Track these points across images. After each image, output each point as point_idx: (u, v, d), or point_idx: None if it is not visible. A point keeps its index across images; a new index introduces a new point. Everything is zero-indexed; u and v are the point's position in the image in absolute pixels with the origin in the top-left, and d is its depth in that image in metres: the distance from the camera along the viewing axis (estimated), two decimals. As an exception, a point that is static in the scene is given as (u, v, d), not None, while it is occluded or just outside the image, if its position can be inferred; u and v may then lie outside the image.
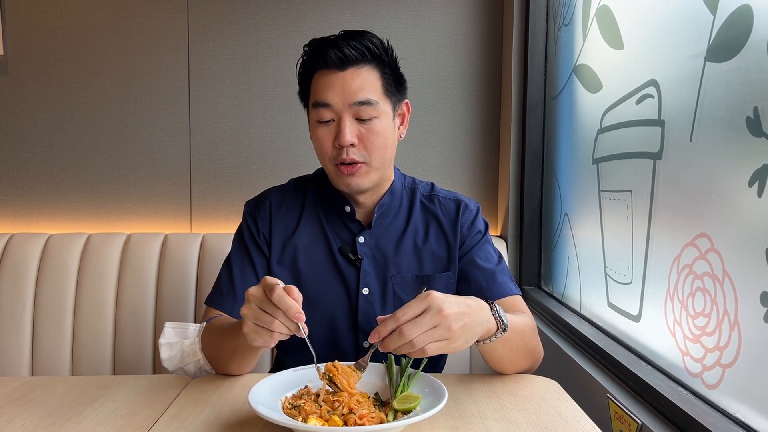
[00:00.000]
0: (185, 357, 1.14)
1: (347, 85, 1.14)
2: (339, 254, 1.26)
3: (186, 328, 1.17)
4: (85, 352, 1.73)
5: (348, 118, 1.15)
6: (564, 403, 1.00)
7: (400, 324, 0.85)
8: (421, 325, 0.85)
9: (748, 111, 0.90)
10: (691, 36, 1.08)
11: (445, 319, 0.86)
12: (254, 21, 2.08)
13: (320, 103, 1.15)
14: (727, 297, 0.95)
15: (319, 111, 1.16)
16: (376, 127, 1.16)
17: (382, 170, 1.22)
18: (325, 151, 1.18)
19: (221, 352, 1.10)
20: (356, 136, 1.15)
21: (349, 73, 1.15)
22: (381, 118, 1.17)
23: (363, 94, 1.14)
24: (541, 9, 1.92)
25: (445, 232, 1.30)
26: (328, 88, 1.15)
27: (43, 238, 1.83)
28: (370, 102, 1.15)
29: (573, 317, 1.62)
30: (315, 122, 1.18)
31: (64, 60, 2.07)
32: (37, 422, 0.92)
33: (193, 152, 2.10)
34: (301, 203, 1.31)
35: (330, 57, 1.14)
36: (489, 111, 2.13)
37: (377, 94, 1.16)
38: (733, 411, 0.94)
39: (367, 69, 1.16)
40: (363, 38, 1.17)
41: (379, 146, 1.17)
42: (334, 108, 1.15)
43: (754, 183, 0.88)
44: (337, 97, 1.14)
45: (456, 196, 1.36)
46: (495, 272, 1.27)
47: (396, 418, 0.88)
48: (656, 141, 1.19)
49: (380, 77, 1.18)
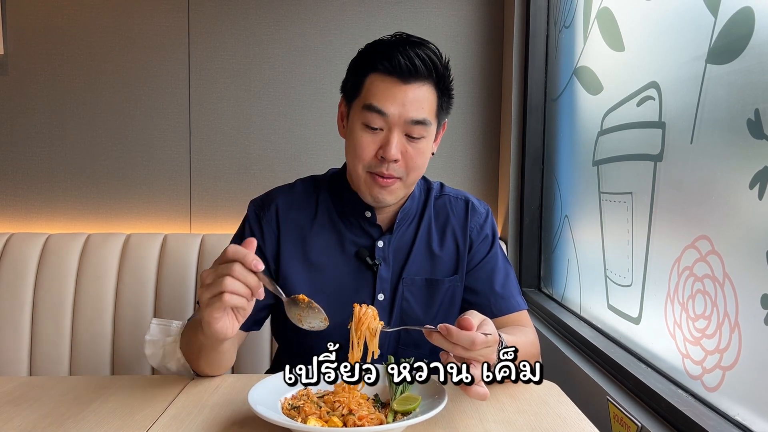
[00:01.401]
0: (167, 355, 1.11)
1: (408, 99, 1.09)
2: (356, 258, 1.23)
3: (169, 325, 1.13)
4: (84, 352, 1.73)
5: (398, 133, 1.10)
6: (564, 405, 1.00)
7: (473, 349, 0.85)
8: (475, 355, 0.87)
9: (749, 113, 0.90)
10: (692, 38, 1.08)
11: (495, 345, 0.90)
12: (254, 21, 2.08)
13: (375, 109, 1.10)
14: (727, 299, 0.95)
15: (371, 116, 1.10)
16: (422, 147, 1.13)
17: (412, 187, 1.21)
18: (363, 156, 1.12)
19: (191, 348, 1.07)
20: (401, 152, 1.11)
21: (413, 87, 1.10)
22: (428, 138, 1.14)
23: (421, 113, 1.10)
24: (541, 11, 1.92)
25: (455, 233, 1.27)
26: (388, 97, 1.09)
27: (42, 237, 1.82)
28: (425, 122, 1.11)
29: (573, 319, 1.62)
30: (361, 125, 1.12)
31: (64, 60, 2.07)
32: (35, 422, 0.91)
33: (192, 152, 2.10)
34: (313, 206, 1.26)
35: (398, 64, 1.08)
36: (489, 112, 2.13)
37: (431, 114, 1.13)
38: (733, 414, 0.94)
39: (429, 87, 1.12)
40: (430, 51, 1.12)
41: (419, 165, 1.14)
42: (389, 119, 1.10)
43: (755, 185, 0.88)
44: (396, 109, 1.09)
45: (465, 195, 1.33)
46: (504, 286, 1.25)
47: (396, 420, 0.88)
48: (657, 143, 1.19)
49: (437, 98, 1.15)
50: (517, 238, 2.00)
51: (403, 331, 1.23)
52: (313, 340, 1.18)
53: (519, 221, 2.00)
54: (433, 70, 1.11)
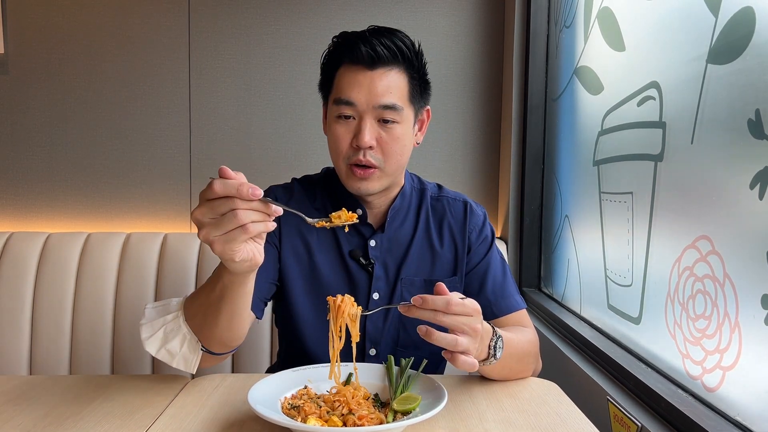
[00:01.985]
0: (168, 334, 1.01)
1: (374, 85, 1.11)
2: (349, 258, 1.23)
3: (168, 303, 1.05)
4: (84, 351, 1.73)
5: (370, 120, 1.12)
6: (564, 405, 1.00)
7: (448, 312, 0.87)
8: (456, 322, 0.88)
9: (750, 113, 0.90)
10: (693, 38, 1.08)
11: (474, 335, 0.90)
12: (255, 21, 2.08)
13: (343, 101, 1.12)
14: (727, 299, 0.95)
15: (342, 107, 1.12)
16: (397, 132, 1.13)
17: (395, 176, 1.20)
18: (340, 149, 1.14)
19: (207, 310, 0.98)
20: (375, 138, 1.12)
21: (378, 73, 1.12)
22: (402, 124, 1.14)
23: (389, 97, 1.11)
24: (542, 10, 1.92)
25: (453, 234, 1.28)
26: (354, 86, 1.11)
27: (42, 236, 1.82)
28: (395, 107, 1.12)
29: (573, 319, 1.62)
30: (334, 117, 1.14)
31: (64, 59, 2.06)
32: (35, 421, 0.91)
33: (193, 152, 2.10)
34: (309, 206, 1.27)
35: (360, 53, 1.10)
36: (490, 112, 2.13)
37: (402, 99, 1.13)
38: (733, 414, 0.94)
39: (397, 72, 1.13)
40: (396, 38, 1.14)
41: (396, 152, 1.14)
42: (357, 107, 1.11)
43: (756, 185, 0.88)
44: (363, 96, 1.11)
45: (463, 197, 1.33)
46: (503, 287, 1.26)
47: (395, 419, 0.88)
48: (657, 143, 1.19)
49: (408, 82, 1.15)
50: (517, 238, 2.00)
51: (402, 332, 1.24)
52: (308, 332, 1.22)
53: (519, 221, 1.99)
54: (399, 54, 1.12)
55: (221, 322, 0.98)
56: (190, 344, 1.01)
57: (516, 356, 1.08)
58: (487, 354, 0.97)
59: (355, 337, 0.93)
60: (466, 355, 0.88)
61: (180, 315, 1.02)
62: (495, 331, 0.98)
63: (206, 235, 0.79)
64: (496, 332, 0.98)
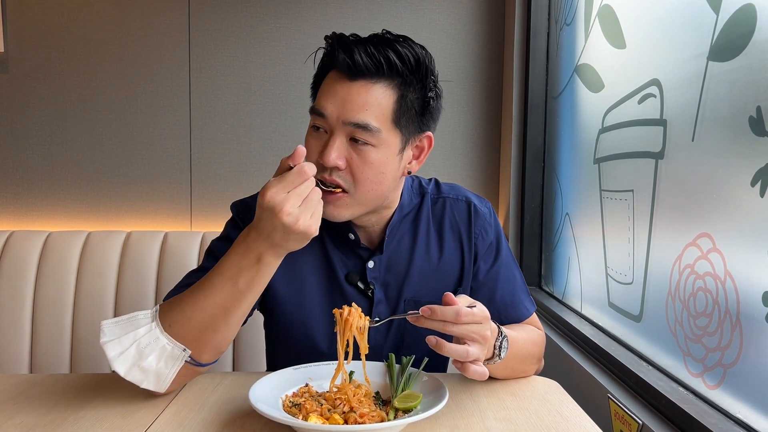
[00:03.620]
0: (143, 349, 0.91)
1: (349, 99, 0.98)
2: (346, 282, 1.13)
3: (133, 317, 0.94)
4: (85, 350, 1.73)
5: (340, 137, 0.99)
6: (565, 403, 1.00)
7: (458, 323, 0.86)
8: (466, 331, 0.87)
9: (751, 110, 0.90)
10: (694, 35, 1.08)
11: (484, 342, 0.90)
12: (255, 19, 2.08)
13: (315, 110, 1.01)
14: (728, 297, 0.95)
15: (314, 117, 1.02)
16: (370, 157, 0.99)
17: (372, 204, 1.05)
18: (311, 159, 1.01)
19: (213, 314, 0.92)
20: (344, 158, 0.99)
21: (357, 86, 0.98)
22: (379, 148, 0.99)
23: (363, 115, 0.97)
24: (542, 8, 1.92)
25: (457, 241, 1.17)
26: (330, 96, 0.99)
27: (42, 235, 1.82)
28: (368, 127, 0.97)
29: (574, 317, 1.62)
30: (310, 126, 1.04)
31: (64, 57, 2.06)
32: (36, 420, 0.91)
33: (193, 150, 2.10)
34: None
35: (341, 60, 0.98)
36: (490, 110, 2.13)
37: (382, 120, 0.98)
38: (734, 411, 0.94)
39: (381, 87, 0.99)
40: (387, 47, 0.99)
41: (368, 178, 1.00)
42: (327, 120, 0.99)
43: (757, 182, 0.88)
44: (334, 109, 0.98)
45: (465, 195, 1.21)
46: (513, 294, 1.18)
47: (397, 417, 0.88)
48: (658, 141, 1.19)
49: (396, 101, 0.99)
50: (518, 236, 2.00)
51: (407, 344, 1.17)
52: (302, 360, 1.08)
53: (520, 219, 1.99)
54: (385, 67, 0.98)
55: (232, 322, 0.94)
56: (169, 358, 0.92)
57: (520, 356, 1.06)
58: (492, 354, 0.95)
59: (364, 350, 0.92)
60: (476, 365, 0.87)
61: (156, 327, 0.92)
62: (501, 330, 0.96)
63: (291, 209, 0.84)
64: (501, 332, 0.96)
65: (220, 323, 0.93)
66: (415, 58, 1.00)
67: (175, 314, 0.93)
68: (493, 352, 0.95)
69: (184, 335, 0.93)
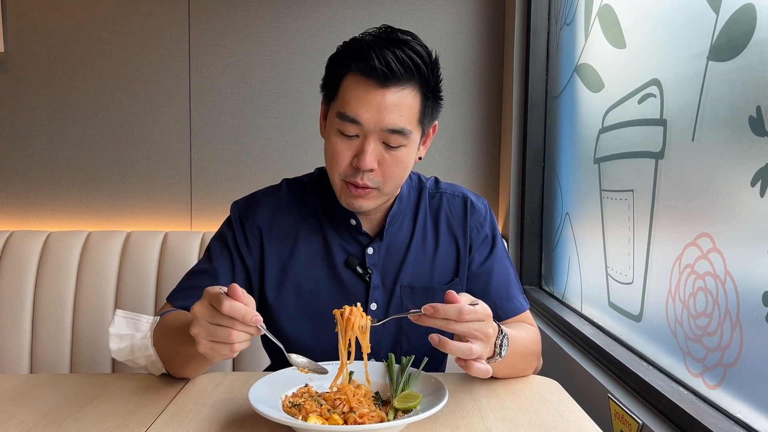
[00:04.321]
0: (135, 351, 1.05)
1: (385, 106, 1.00)
2: (345, 267, 1.17)
3: (138, 319, 1.07)
4: (85, 350, 1.73)
5: (374, 141, 1.03)
6: (565, 403, 1.00)
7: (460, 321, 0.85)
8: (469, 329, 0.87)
9: (751, 110, 0.90)
10: (694, 35, 1.07)
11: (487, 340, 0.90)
12: (255, 19, 2.08)
13: (348, 118, 1.02)
14: (728, 297, 0.95)
15: (345, 124, 1.03)
16: (401, 156, 1.05)
17: (392, 194, 1.14)
18: (338, 164, 1.06)
19: (175, 356, 1.03)
20: (377, 160, 1.04)
21: (391, 92, 1.01)
22: (408, 147, 1.06)
23: (399, 121, 1.02)
24: (542, 8, 1.92)
25: (453, 233, 1.21)
26: (363, 104, 1.01)
27: (43, 235, 1.82)
28: (403, 131, 1.03)
29: (574, 317, 1.62)
30: (336, 131, 1.05)
31: (64, 57, 2.06)
32: (36, 419, 0.91)
33: (193, 150, 2.10)
34: (299, 212, 1.20)
35: (373, 66, 0.99)
36: (490, 110, 2.13)
37: (412, 122, 1.04)
38: (734, 411, 0.94)
39: (410, 91, 1.03)
40: (413, 49, 1.02)
41: (397, 174, 1.07)
42: (362, 127, 1.02)
43: (757, 182, 0.88)
44: (371, 116, 1.01)
45: (462, 192, 1.26)
46: (507, 288, 1.20)
47: (396, 417, 0.88)
48: (658, 140, 1.19)
49: (421, 101, 1.05)
50: (518, 236, 2.00)
51: (405, 341, 1.19)
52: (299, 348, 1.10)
53: (520, 219, 1.99)
54: (415, 72, 1.02)
55: (189, 369, 1.04)
56: (153, 365, 1.07)
57: (520, 354, 1.06)
58: (493, 352, 0.95)
59: (366, 349, 0.92)
60: (480, 362, 0.87)
61: (149, 338, 1.04)
62: (501, 329, 0.96)
63: (197, 335, 0.84)
64: (502, 330, 0.96)
65: (182, 368, 1.05)
66: (429, 55, 1.05)
67: (158, 337, 1.04)
68: (494, 351, 0.95)
69: (162, 357, 1.05)
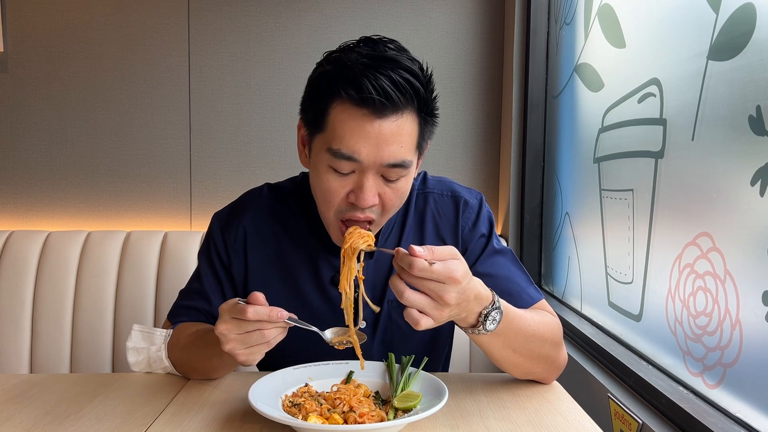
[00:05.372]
0: (152, 363, 1.10)
1: (384, 138, 0.90)
2: (332, 285, 1.11)
3: (153, 333, 1.10)
4: (85, 350, 1.73)
5: (373, 176, 0.93)
6: (565, 402, 1.00)
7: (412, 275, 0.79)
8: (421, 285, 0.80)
9: (751, 110, 0.90)
10: (694, 34, 1.07)
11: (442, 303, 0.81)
12: (255, 19, 2.08)
13: (344, 155, 0.91)
14: (728, 296, 0.95)
15: (340, 162, 0.92)
16: (402, 187, 0.97)
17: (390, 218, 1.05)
18: (332, 203, 0.96)
19: (195, 371, 1.07)
20: (377, 194, 0.95)
21: (388, 122, 0.90)
22: (408, 176, 0.97)
23: (400, 153, 0.92)
24: (542, 7, 1.91)
25: (441, 238, 1.13)
26: (359, 138, 0.90)
27: (42, 235, 1.82)
28: (404, 164, 0.93)
29: (573, 317, 1.62)
30: (327, 167, 0.94)
31: (64, 57, 2.06)
32: (36, 419, 0.91)
33: (193, 150, 2.10)
34: (283, 220, 1.14)
35: (367, 95, 0.87)
36: (490, 110, 2.13)
37: (412, 150, 0.95)
38: (734, 411, 0.94)
39: (408, 115, 0.92)
40: (406, 68, 0.91)
41: (397, 204, 0.99)
42: (360, 163, 0.91)
43: (757, 182, 0.88)
44: (369, 151, 0.90)
45: (451, 189, 1.17)
46: (509, 283, 1.10)
47: (396, 417, 0.88)
48: (658, 140, 1.19)
49: (419, 125, 0.95)
50: (517, 236, 2.00)
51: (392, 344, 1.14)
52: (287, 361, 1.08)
53: (520, 218, 1.99)
54: (413, 94, 0.91)
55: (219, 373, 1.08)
56: (171, 373, 1.11)
57: (524, 335, 0.96)
58: (476, 322, 0.87)
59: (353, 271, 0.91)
60: (413, 311, 0.80)
61: (163, 350, 1.09)
62: (495, 301, 0.88)
63: (233, 349, 0.86)
64: (495, 303, 0.88)
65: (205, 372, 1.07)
66: (422, 70, 0.95)
67: (172, 352, 1.09)
68: (477, 320, 0.87)
69: (179, 368, 1.10)
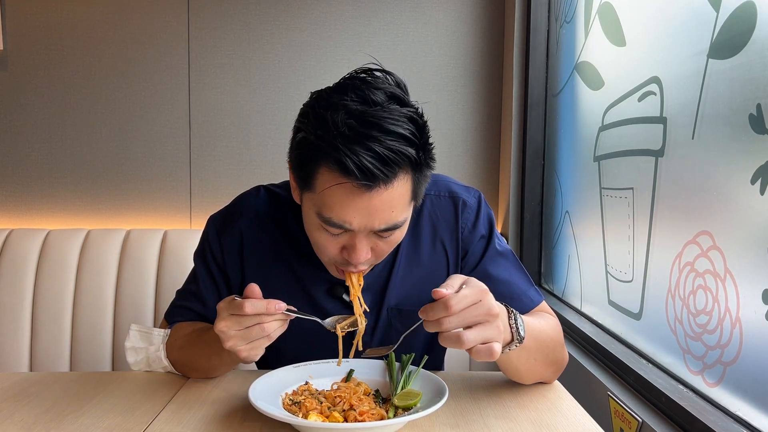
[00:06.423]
0: (152, 363, 1.11)
1: (374, 209, 0.87)
2: (327, 295, 1.10)
3: (151, 333, 1.11)
4: (85, 348, 1.73)
5: (366, 237, 0.91)
6: (565, 401, 1.00)
7: (450, 315, 0.78)
8: (466, 318, 0.79)
9: (751, 108, 0.90)
10: (694, 33, 1.07)
11: (492, 319, 0.80)
12: (255, 17, 2.08)
13: (334, 224, 0.89)
14: (728, 295, 0.95)
15: (329, 227, 0.90)
16: (396, 239, 0.95)
17: None
18: (325, 255, 0.96)
19: (194, 370, 1.07)
20: (370, 248, 0.93)
21: (378, 194, 0.86)
22: (403, 227, 0.95)
23: (392, 218, 0.89)
24: (542, 6, 1.91)
25: (441, 241, 1.11)
26: (348, 210, 0.87)
27: (42, 233, 1.82)
28: (397, 225, 0.91)
29: (573, 315, 1.62)
30: (318, 225, 0.92)
31: (64, 55, 2.06)
32: (36, 418, 0.91)
33: (193, 148, 2.09)
34: (278, 227, 1.12)
35: (354, 170, 0.82)
36: (490, 108, 2.12)
37: (405, 208, 0.92)
38: (734, 409, 0.94)
39: (400, 181, 0.87)
40: (397, 136, 0.84)
41: (388, 251, 0.98)
42: (352, 231, 0.90)
43: (757, 180, 0.88)
44: (360, 221, 0.88)
45: (449, 189, 1.13)
46: (510, 286, 1.09)
47: (396, 415, 0.88)
48: (658, 138, 1.18)
49: (412, 181, 0.90)
50: (517, 234, 2.00)
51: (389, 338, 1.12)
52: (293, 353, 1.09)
53: (520, 217, 1.99)
54: (406, 161, 0.86)
55: (220, 371, 1.08)
56: (170, 372, 1.11)
57: (539, 341, 0.96)
58: (511, 335, 0.86)
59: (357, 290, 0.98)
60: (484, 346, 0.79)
61: (162, 350, 1.10)
62: (509, 309, 0.88)
63: (233, 346, 0.86)
64: (510, 310, 0.88)
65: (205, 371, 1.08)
66: (417, 128, 0.87)
67: (171, 352, 1.09)
68: (511, 333, 0.87)
69: (178, 367, 1.10)
